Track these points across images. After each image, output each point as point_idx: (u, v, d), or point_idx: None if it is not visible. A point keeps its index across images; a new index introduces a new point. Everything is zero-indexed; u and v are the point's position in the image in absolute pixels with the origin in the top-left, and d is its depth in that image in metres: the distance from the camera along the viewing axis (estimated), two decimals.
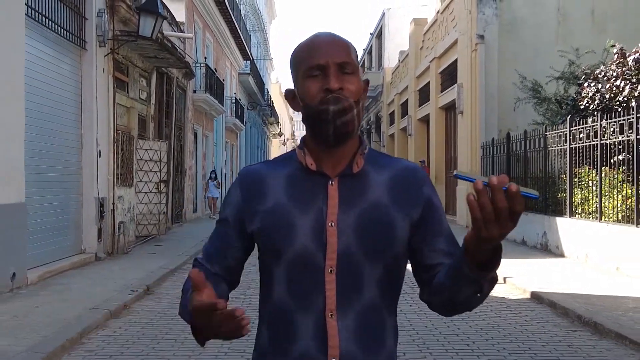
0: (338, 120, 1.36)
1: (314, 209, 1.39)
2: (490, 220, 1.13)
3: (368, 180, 1.43)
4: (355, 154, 1.43)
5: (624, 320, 6.28)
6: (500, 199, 1.11)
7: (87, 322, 6.16)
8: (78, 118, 10.45)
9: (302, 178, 1.43)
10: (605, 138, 9.78)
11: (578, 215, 10.73)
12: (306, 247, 1.38)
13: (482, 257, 1.23)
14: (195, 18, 20.36)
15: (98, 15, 10.67)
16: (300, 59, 1.43)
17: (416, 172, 1.48)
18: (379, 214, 1.40)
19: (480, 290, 1.30)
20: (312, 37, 1.46)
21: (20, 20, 7.95)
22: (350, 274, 1.38)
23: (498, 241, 1.18)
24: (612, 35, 14.78)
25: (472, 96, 16.93)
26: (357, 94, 1.40)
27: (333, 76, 1.37)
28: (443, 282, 1.36)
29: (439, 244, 1.45)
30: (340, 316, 1.37)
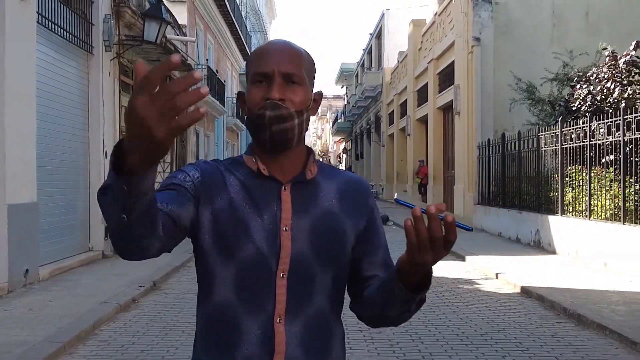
0: (274, 126, 1.35)
1: (268, 212, 1.38)
2: (425, 246, 1.17)
3: (319, 188, 1.44)
4: (307, 162, 1.44)
5: (606, 312, 6.64)
6: (436, 227, 1.15)
7: (99, 315, 6.52)
8: (85, 120, 10.82)
9: (255, 182, 1.41)
10: (595, 139, 10.13)
11: (569, 214, 11.09)
12: (260, 249, 1.36)
13: (413, 280, 1.26)
14: (197, 20, 20.72)
15: (104, 21, 11.03)
16: (250, 64, 1.43)
17: (362, 184, 1.52)
18: (332, 222, 1.41)
19: (407, 310, 1.33)
20: (266, 43, 1.47)
21: (32, 27, 8.32)
22: (302, 279, 1.37)
23: (430, 266, 1.23)
24: (606, 37, 15.13)
25: (468, 97, 17.28)
26: (301, 104, 1.38)
27: (276, 86, 1.36)
28: (374, 297, 1.38)
29: (376, 256, 1.48)
30: (288, 321, 1.35)
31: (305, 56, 1.44)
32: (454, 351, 5.50)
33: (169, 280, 9.03)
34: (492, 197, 15.50)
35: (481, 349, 5.57)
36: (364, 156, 43.67)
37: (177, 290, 8.27)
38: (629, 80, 12.21)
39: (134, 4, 12.26)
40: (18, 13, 7.90)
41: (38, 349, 5.23)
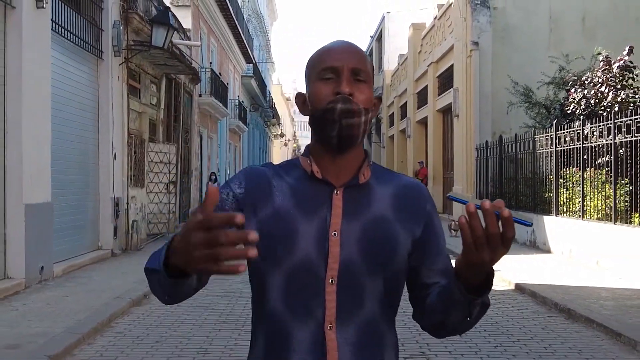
0: (344, 120, 1.33)
1: (317, 217, 1.36)
2: (482, 244, 1.13)
3: (372, 193, 1.41)
4: (362, 165, 1.42)
5: (595, 307, 6.99)
6: (492, 223, 1.11)
7: (114, 309, 6.88)
8: (95, 123, 11.18)
9: (306, 185, 1.40)
10: (588, 141, 10.49)
11: (563, 214, 11.44)
12: (308, 255, 1.33)
13: (474, 281, 1.22)
14: (201, 24, 21.08)
15: (113, 27, 11.39)
16: (314, 62, 1.42)
17: (419, 189, 1.48)
18: (383, 228, 1.38)
19: (469, 315, 1.29)
20: (330, 43, 1.46)
21: (46, 34, 8.68)
22: (351, 285, 1.34)
23: (489, 266, 1.18)
24: (602, 42, 15.48)
25: (467, 100, 17.64)
26: (368, 102, 1.37)
27: (345, 80, 1.35)
28: (435, 304, 1.35)
29: (436, 263, 1.43)
30: (339, 329, 1.33)
31: (368, 58, 1.44)
32: (449, 342, 5.86)
33: None
34: (489, 197, 15.83)
35: (474, 340, 5.92)
36: None
37: None
38: (623, 84, 12.57)
39: (141, 10, 12.63)
40: (34, 21, 8.26)
41: (59, 340, 5.59)
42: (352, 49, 1.41)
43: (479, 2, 17.29)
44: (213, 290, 8.15)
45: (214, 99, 21.15)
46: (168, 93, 15.88)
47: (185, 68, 14.73)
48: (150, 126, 14.26)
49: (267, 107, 43.33)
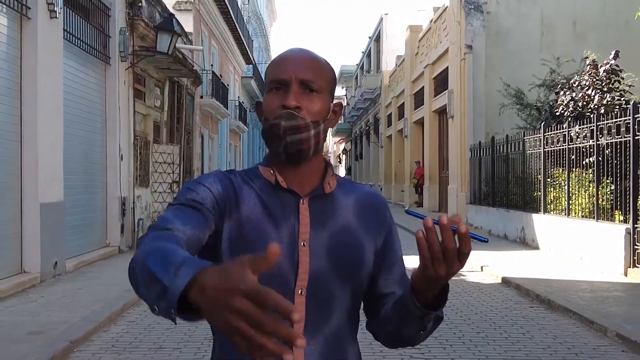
0: (289, 137, 1.30)
1: (286, 226, 1.33)
2: (438, 259, 1.13)
3: (337, 202, 1.40)
4: (325, 175, 1.41)
5: (573, 298, 7.51)
6: (449, 238, 1.11)
7: (125, 301, 7.38)
8: (103, 125, 11.69)
9: (271, 195, 1.37)
10: (573, 143, 11.00)
11: (551, 212, 11.96)
12: (279, 264, 1.25)
13: (429, 295, 1.22)
14: (202, 27, 21.59)
15: (120, 34, 11.90)
16: (268, 72, 1.39)
17: (378, 198, 1.48)
18: (350, 237, 1.37)
19: (423, 328, 1.29)
20: (285, 51, 1.42)
21: (59, 42, 9.19)
22: (320, 296, 1.32)
23: (445, 280, 1.18)
24: (592, 45, 16.01)
25: (461, 102, 18.15)
26: (319, 114, 1.34)
27: (293, 93, 1.31)
28: (390, 315, 1.35)
29: (393, 273, 1.43)
30: (307, 340, 1.26)
31: (325, 65, 1.40)
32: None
33: None
34: (483, 196, 16.36)
35: (459, 327, 6.44)
36: (363, 157, 44.53)
37: None
38: (609, 87, 13.08)
39: (145, 16, 13.13)
40: (48, 30, 8.77)
41: (78, 327, 6.10)
42: (306, 58, 1.37)
43: (473, 6, 17.80)
44: None
45: (215, 100, 21.66)
46: (171, 95, 16.39)
47: (188, 71, 15.24)
48: (154, 128, 14.77)
49: None
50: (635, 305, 7.20)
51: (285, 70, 1.34)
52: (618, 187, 9.60)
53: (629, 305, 7.20)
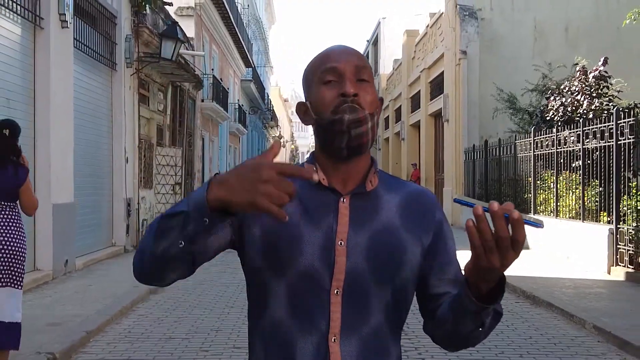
0: (353, 130, 1.29)
1: (323, 225, 1.32)
2: (491, 248, 1.10)
3: (380, 201, 1.38)
4: (368, 172, 1.38)
5: (557, 294, 7.96)
6: (501, 226, 1.08)
7: (134, 296, 7.82)
8: (109, 129, 12.14)
9: (312, 193, 1.35)
10: (561, 147, 11.46)
11: (540, 213, 12.42)
12: (313, 264, 1.30)
13: (484, 288, 1.19)
14: (203, 33, 22.04)
15: (126, 41, 12.35)
16: (314, 67, 1.38)
17: (428, 197, 1.44)
18: (391, 237, 1.34)
19: (482, 324, 1.25)
20: (328, 48, 1.42)
21: (69, 50, 9.63)
22: (357, 296, 1.30)
23: (500, 271, 1.14)
24: (584, 51, 16.50)
25: (456, 106, 18.62)
26: (373, 105, 1.33)
27: (349, 81, 1.31)
28: (446, 314, 1.31)
29: (446, 273, 1.39)
30: (343, 341, 1.29)
31: (366, 59, 1.42)
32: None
33: None
34: (476, 198, 16.72)
35: None
36: None
37: (195, 278, 9.56)
38: (598, 92, 13.56)
39: (150, 23, 13.57)
40: (59, 39, 9.22)
41: (92, 319, 6.54)
42: (351, 50, 1.39)
43: (467, 13, 18.28)
44: (220, 281, 9.12)
45: (215, 103, 22.10)
46: (173, 99, 16.83)
47: (190, 77, 15.69)
48: (157, 131, 15.22)
49: (265, 110, 44.31)
50: (614, 300, 7.66)
51: (337, 59, 1.34)
52: (604, 189, 10.07)
53: (608, 300, 7.66)
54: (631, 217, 9.08)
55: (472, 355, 5.49)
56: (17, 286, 4.59)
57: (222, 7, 22.98)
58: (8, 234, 4.51)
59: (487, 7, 18.55)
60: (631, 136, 9.04)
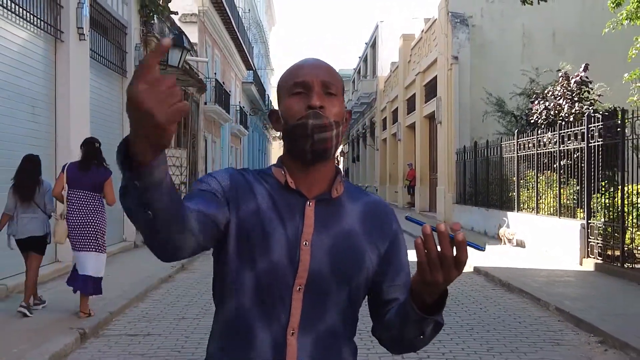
0: (316, 135, 1.36)
1: (290, 225, 1.39)
2: (435, 266, 1.17)
3: (343, 208, 1.45)
4: (335, 179, 1.45)
5: (529, 282, 8.81)
6: (446, 246, 1.15)
7: (147, 284, 8.69)
8: (120, 133, 12.98)
9: (280, 195, 1.43)
10: (541, 148, 12.31)
11: (523, 210, 13.27)
12: (280, 260, 1.37)
13: (428, 300, 1.26)
14: (206, 38, 22.90)
15: (135, 49, 13.20)
16: (285, 79, 1.45)
17: (386, 208, 1.52)
18: (352, 241, 1.42)
19: (422, 333, 1.31)
20: (300, 60, 1.49)
21: (86, 60, 10.49)
22: (317, 294, 1.38)
23: (443, 287, 1.21)
24: (570, 56, 17.32)
25: (448, 108, 19.47)
26: (338, 116, 1.41)
27: (316, 94, 1.38)
28: (393, 320, 1.39)
29: (397, 280, 1.46)
30: (301, 335, 1.37)
31: (338, 73, 1.48)
32: None
33: (194, 263, 11.20)
34: (467, 196, 17.68)
35: None
36: (360, 159, 45.83)
37: (201, 270, 10.43)
38: (579, 97, 14.39)
39: (157, 32, 14.43)
40: (77, 50, 10.08)
41: (114, 302, 7.39)
42: (322, 65, 1.46)
43: (459, 20, 19.12)
44: None
45: (218, 106, 22.97)
46: None
47: (194, 82, 16.55)
48: None
49: (266, 111, 45.21)
50: (579, 287, 8.52)
51: (306, 73, 1.42)
52: (580, 188, 10.91)
53: (574, 287, 8.52)
54: (601, 213, 9.92)
55: (444, 331, 6.34)
56: (101, 251, 6.63)
57: (224, 13, 23.83)
58: (95, 215, 6.53)
59: (477, 14, 19.39)
60: (600, 139, 9.89)
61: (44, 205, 6.69)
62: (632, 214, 9.10)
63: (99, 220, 6.59)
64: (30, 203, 6.62)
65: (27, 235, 6.60)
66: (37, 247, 6.73)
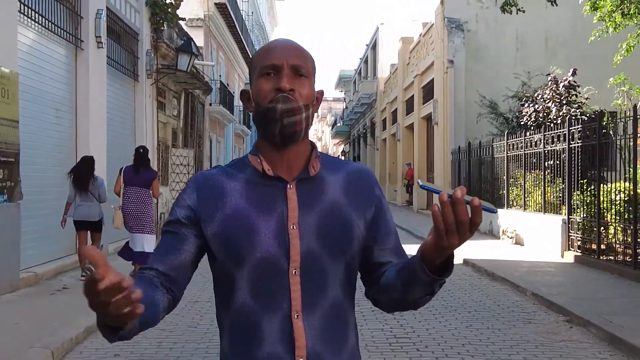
0: (285, 119, 1.38)
1: (274, 213, 1.41)
2: (452, 230, 1.21)
3: (324, 182, 1.46)
4: (310, 158, 1.47)
5: (511, 272, 9.59)
6: (463, 211, 1.20)
7: None
8: (132, 133, 13.79)
9: (259, 183, 1.44)
10: (528, 148, 13.09)
11: (513, 207, 14.05)
12: (269, 251, 1.39)
13: (437, 262, 1.30)
14: (211, 41, 23.70)
15: (147, 55, 14.01)
16: (256, 60, 1.46)
17: (367, 174, 1.54)
18: (338, 214, 1.44)
19: (431, 292, 1.38)
20: (272, 41, 1.51)
21: (103, 67, 11.29)
22: (314, 274, 1.40)
23: (455, 249, 1.27)
24: (561, 60, 18.09)
25: (444, 110, 20.25)
26: (308, 98, 1.42)
27: (285, 76, 1.39)
28: (393, 283, 1.42)
29: (387, 243, 1.51)
30: (306, 316, 1.39)
31: (309, 54, 1.48)
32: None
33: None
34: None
35: None
36: (361, 158, 46.56)
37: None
38: (568, 100, 15.15)
39: (166, 38, 15.23)
40: (96, 57, 10.89)
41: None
42: (293, 47, 1.46)
43: (455, 25, 19.90)
44: None
45: (222, 107, 23.78)
46: (186, 105, 18.51)
47: (201, 85, 17.36)
48: (172, 134, 16.89)
49: None
50: (557, 276, 9.31)
51: (277, 56, 1.41)
52: (565, 186, 11.68)
53: (551, 276, 9.30)
54: (580, 209, 10.70)
55: (430, 312, 7.13)
56: (151, 233, 8.74)
57: (228, 17, 24.62)
58: (145, 206, 8.68)
59: (472, 20, 20.17)
60: (579, 141, 10.66)
61: (98, 195, 8.58)
62: (611, 211, 9.85)
63: (149, 210, 8.73)
64: (87, 193, 8.47)
65: (83, 219, 8.47)
66: (95, 228, 8.69)
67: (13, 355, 5.09)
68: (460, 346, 5.86)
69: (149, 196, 8.76)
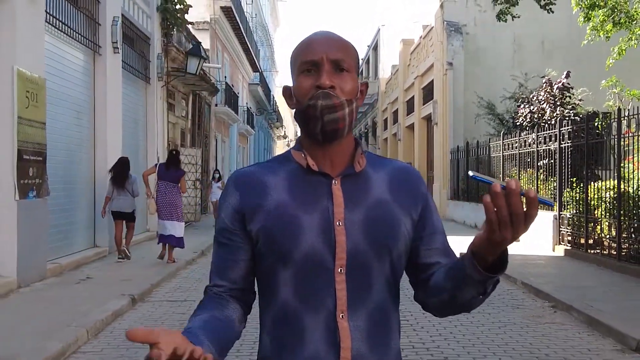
0: (326, 116, 1.34)
1: (319, 209, 1.37)
2: (505, 223, 1.16)
3: (369, 179, 1.43)
4: (355, 154, 1.44)
5: None
6: (518, 203, 1.13)
7: (177, 265, 10.11)
8: (144, 134, 14.43)
9: (303, 179, 1.41)
10: (522, 148, 13.71)
11: None
12: (315, 247, 1.35)
13: (489, 260, 1.25)
14: (217, 44, 24.33)
15: (158, 58, 14.63)
16: (296, 56, 1.43)
17: (412, 172, 1.51)
18: (384, 211, 1.40)
19: (484, 292, 1.31)
20: (311, 34, 1.46)
21: (119, 71, 11.92)
22: (360, 272, 1.36)
23: (508, 244, 1.21)
24: (558, 62, 18.67)
25: (443, 111, 20.87)
26: (351, 93, 1.38)
27: (325, 73, 1.36)
28: (443, 284, 1.37)
29: (435, 243, 1.46)
30: (351, 316, 1.35)
31: (351, 46, 1.43)
32: None
33: (211, 249, 12.64)
34: (460, 193, 19.07)
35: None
36: None
37: None
38: (562, 101, 15.76)
39: (175, 41, 15.86)
40: (112, 62, 11.51)
41: (151, 277, 8.81)
42: (333, 40, 1.41)
43: (453, 28, 20.51)
44: None
45: (227, 108, 24.41)
46: (193, 106, 19.15)
47: (209, 87, 18.00)
48: (181, 134, 17.52)
49: (271, 111, 46.64)
50: (547, 267, 9.93)
51: (316, 51, 1.38)
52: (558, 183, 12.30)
53: (542, 267, 9.92)
54: (571, 206, 11.31)
55: None
56: (180, 220, 10.29)
57: (233, 20, 25.25)
58: (175, 198, 10.26)
59: (471, 23, 20.78)
60: (569, 140, 11.28)
61: (132, 191, 10.30)
62: (600, 207, 10.46)
63: (178, 201, 10.34)
64: (123, 189, 10.17)
65: (119, 210, 10.16)
66: (129, 218, 10.36)
67: (53, 332, 5.71)
68: (452, 327, 6.49)
69: (177, 190, 10.33)
